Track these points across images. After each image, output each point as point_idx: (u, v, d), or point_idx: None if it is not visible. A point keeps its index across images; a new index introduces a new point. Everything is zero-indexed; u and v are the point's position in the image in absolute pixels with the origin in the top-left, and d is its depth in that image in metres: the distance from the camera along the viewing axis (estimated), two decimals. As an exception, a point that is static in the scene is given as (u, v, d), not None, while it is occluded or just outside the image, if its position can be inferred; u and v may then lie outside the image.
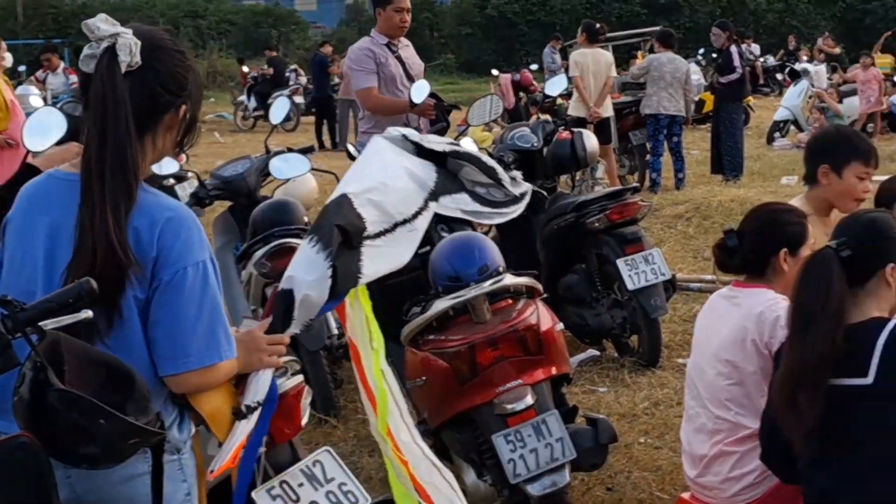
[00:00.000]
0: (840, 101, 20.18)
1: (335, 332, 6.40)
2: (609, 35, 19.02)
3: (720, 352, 4.02)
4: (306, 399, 3.54)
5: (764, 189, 12.82)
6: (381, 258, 3.39)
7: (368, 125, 7.59)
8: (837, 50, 32.16)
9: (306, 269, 3.23)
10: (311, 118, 23.74)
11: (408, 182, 3.62)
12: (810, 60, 28.36)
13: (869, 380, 3.28)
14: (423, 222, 3.58)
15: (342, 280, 3.26)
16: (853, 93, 20.22)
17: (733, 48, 14.41)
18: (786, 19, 44.86)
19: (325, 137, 22.48)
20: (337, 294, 3.27)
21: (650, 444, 5.60)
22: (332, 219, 3.32)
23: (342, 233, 3.28)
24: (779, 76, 30.88)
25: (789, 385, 3.39)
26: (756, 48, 32.77)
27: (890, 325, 3.33)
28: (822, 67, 21.96)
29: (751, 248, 4.09)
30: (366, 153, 3.78)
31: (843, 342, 3.31)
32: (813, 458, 3.43)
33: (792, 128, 20.48)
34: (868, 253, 3.47)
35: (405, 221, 3.48)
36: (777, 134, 20.19)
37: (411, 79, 7.89)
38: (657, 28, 21.83)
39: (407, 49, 8.04)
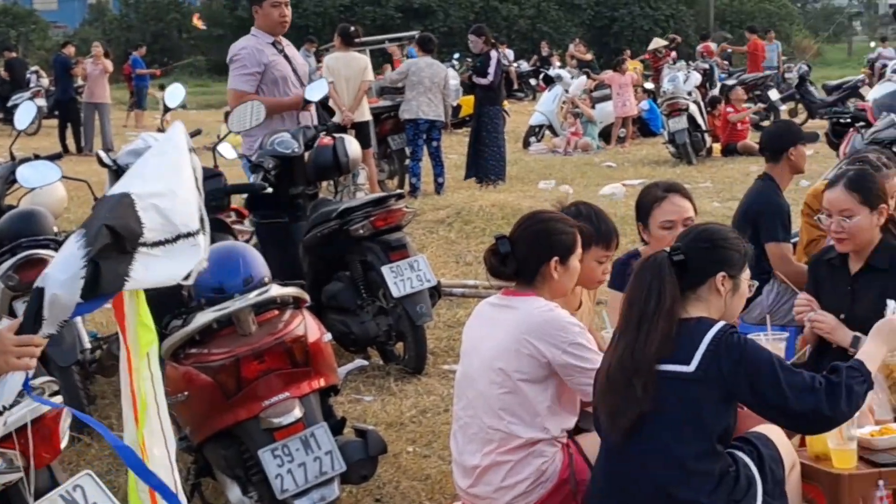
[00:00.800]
0: (593, 107, 20.92)
1: (87, 346, 6.19)
2: (364, 39, 19.13)
3: (492, 360, 4.06)
4: (65, 421, 3.40)
5: (523, 193, 13.14)
6: (156, 268, 3.24)
7: (258, 140, 7.36)
8: (589, 56, 33.33)
9: (61, 268, 3.09)
10: (54, 121, 22.93)
11: (195, 193, 3.47)
12: (563, 66, 29.32)
13: (691, 368, 3.51)
14: (205, 239, 3.45)
15: (105, 282, 3.12)
16: (606, 98, 21.00)
17: (493, 53, 14.75)
18: (537, 25, 46.21)
19: (70, 141, 21.75)
20: (98, 295, 3.12)
21: (418, 452, 5.64)
22: (103, 218, 3.16)
23: (112, 234, 3.13)
24: (533, 81, 31.79)
25: (625, 373, 3.55)
26: (510, 53, 33.60)
27: (719, 325, 3.59)
28: (583, 77, 22.72)
29: (522, 256, 4.16)
30: (160, 146, 3.55)
31: (675, 337, 3.55)
32: (618, 443, 3.59)
33: (547, 132, 21.11)
34: (700, 260, 3.68)
35: (189, 235, 3.35)
36: (533, 139, 20.77)
37: (299, 79, 7.70)
38: (414, 32, 22.10)
39: (291, 48, 7.83)
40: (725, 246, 3.72)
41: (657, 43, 28.08)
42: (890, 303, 3.96)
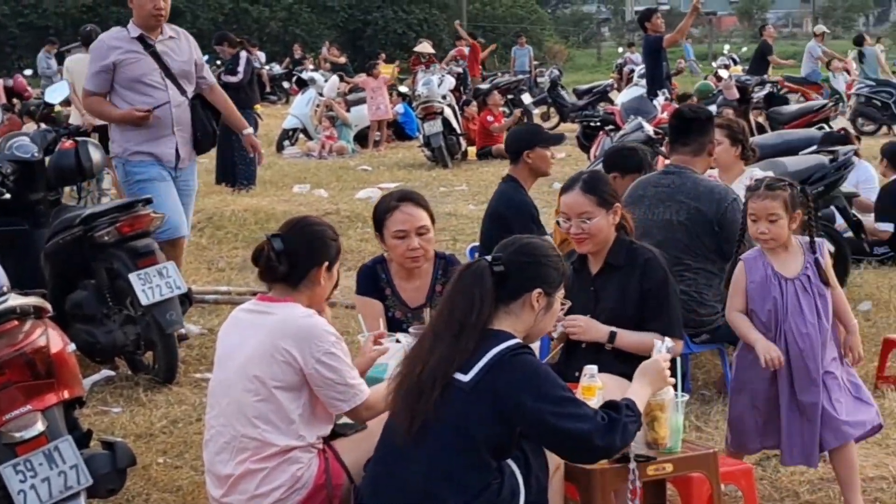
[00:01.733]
0: (348, 110, 21.03)
1: None
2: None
3: (248, 367, 4.05)
4: None
5: (277, 198, 13.12)
6: None
7: (127, 143, 7.08)
8: (342, 59, 33.48)
9: None
10: None
11: None
12: (316, 69, 29.34)
13: (467, 378, 3.58)
14: None
15: None
16: (361, 101, 21.14)
17: (242, 53, 14.65)
18: (290, 28, 46.11)
19: None
20: None
21: (169, 463, 5.57)
22: None
23: None
24: (286, 84, 31.68)
25: (432, 380, 3.59)
26: (262, 56, 33.40)
27: (511, 342, 3.63)
28: (335, 78, 22.79)
29: (294, 258, 4.17)
30: None
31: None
32: (402, 445, 3.63)
33: (301, 136, 21.09)
34: (520, 274, 3.73)
35: None
36: (287, 142, 20.71)
37: (172, 77, 7.28)
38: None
39: (173, 42, 7.40)
40: (546, 263, 3.79)
41: (425, 47, 28.43)
42: (657, 342, 4.14)
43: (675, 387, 4.06)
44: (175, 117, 7.39)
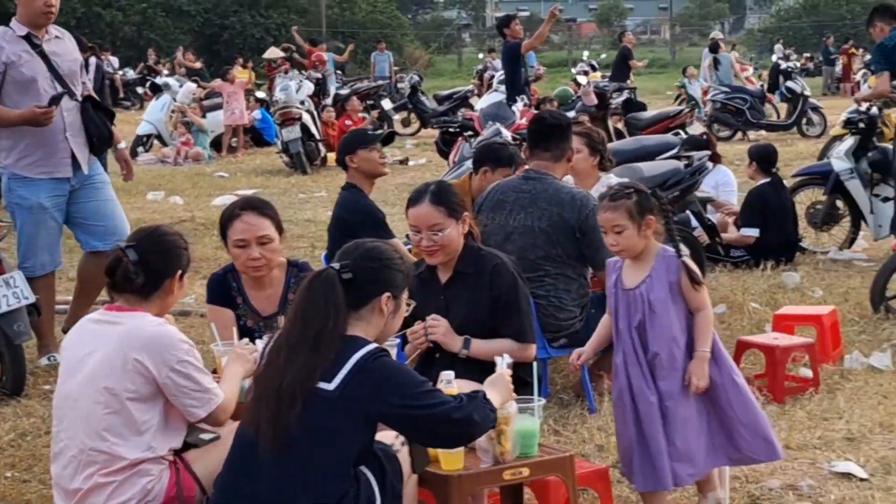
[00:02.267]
0: (204, 116, 20.80)
1: None
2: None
3: (97, 379, 3.97)
4: None
5: (130, 205, 12.87)
6: None
7: (19, 157, 6.72)
8: (198, 64, 33.11)
9: None
10: None
11: None
12: (171, 74, 28.97)
13: (332, 387, 3.56)
14: None
15: None
16: (218, 107, 20.93)
17: (92, 59, 14.37)
18: (144, 32, 45.40)
19: None
20: None
21: (17, 477, 5.43)
22: None
23: None
24: (140, 90, 31.21)
25: (292, 391, 3.54)
26: (115, 61, 32.82)
27: (369, 347, 3.63)
28: (190, 83, 22.52)
29: (150, 268, 4.14)
30: None
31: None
32: (259, 457, 3.58)
33: (156, 142, 20.80)
34: (368, 279, 3.72)
35: None
36: (141, 148, 20.40)
37: (61, 79, 6.92)
38: None
39: (59, 42, 7.02)
40: (391, 266, 3.79)
41: (273, 53, 28.28)
42: (497, 359, 4.18)
43: (532, 391, 4.12)
44: (67, 122, 7.04)
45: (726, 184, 10.76)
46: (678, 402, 4.45)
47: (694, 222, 9.48)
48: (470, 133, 12.89)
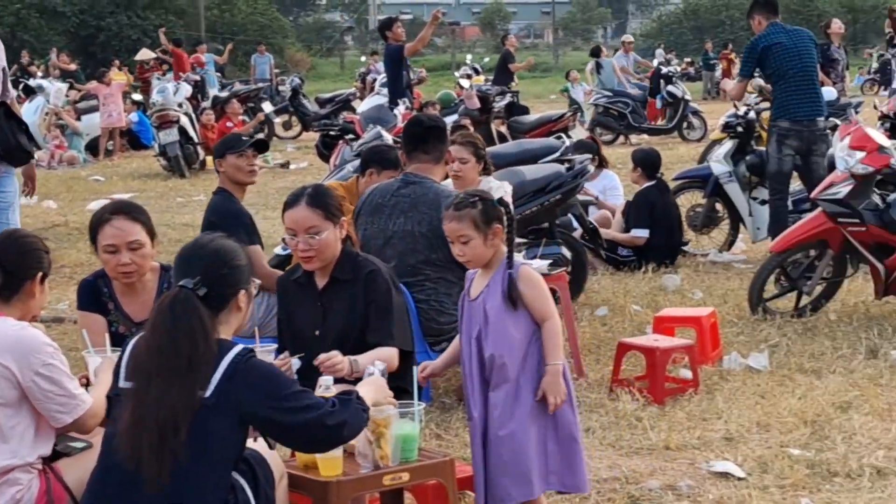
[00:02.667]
0: (79, 118, 20.43)
1: None
2: None
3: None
4: None
5: (0, 211, 12.59)
6: None
7: None
8: (73, 66, 32.53)
9: None
10: None
11: None
12: (46, 76, 28.40)
13: (208, 394, 3.49)
14: None
15: None
16: (93, 110, 20.57)
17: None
18: (17, 33, 44.41)
19: None
20: None
21: None
22: None
23: None
24: (13, 92, 30.49)
25: (174, 415, 3.45)
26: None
27: (236, 350, 3.57)
28: (62, 85, 22.10)
29: (10, 270, 4.08)
30: None
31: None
32: (123, 472, 3.48)
33: (28, 146, 20.34)
34: (223, 286, 3.64)
35: None
36: (12, 153, 19.93)
37: None
38: None
39: None
40: (238, 263, 3.72)
41: (145, 54, 27.90)
42: (368, 367, 4.17)
43: (411, 395, 4.11)
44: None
45: (613, 188, 10.92)
46: (507, 415, 4.33)
47: (576, 225, 9.58)
48: (351, 136, 12.84)
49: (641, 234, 9.89)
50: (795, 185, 10.73)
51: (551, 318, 4.39)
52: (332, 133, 14.83)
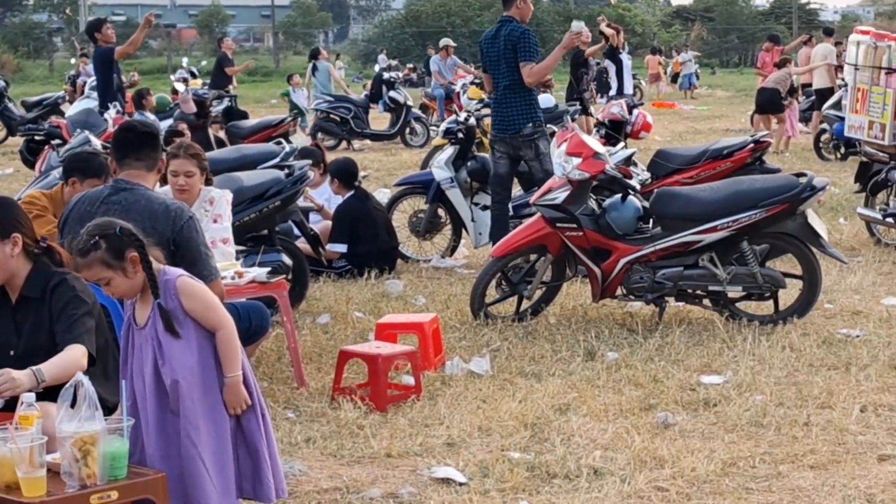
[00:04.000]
0: None
1: None
2: None
3: None
4: None
5: None
6: None
7: None
8: None
9: None
10: None
11: None
12: None
13: None
14: None
15: None
16: None
17: None
18: None
19: None
20: None
21: None
22: None
23: None
24: None
25: None
26: None
27: None
28: None
29: None
30: None
31: None
32: None
33: None
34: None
35: None
36: None
37: None
38: None
39: None
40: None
41: None
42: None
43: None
44: None
45: (338, 196, 10.94)
46: (200, 430, 4.31)
47: (297, 232, 9.56)
48: (58, 141, 12.44)
49: (338, 248, 9.94)
50: (517, 190, 11.06)
51: (223, 327, 4.38)
52: (37, 138, 14.34)
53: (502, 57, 9.79)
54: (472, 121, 11.37)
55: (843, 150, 18.05)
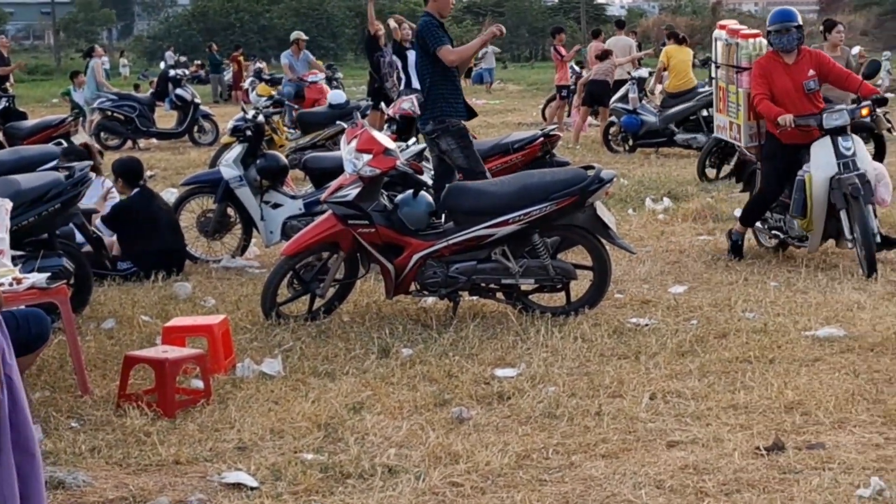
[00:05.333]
0: None
1: None
2: None
3: None
4: None
5: None
6: None
7: None
8: None
9: None
10: None
11: None
12: None
13: None
14: None
15: None
16: None
17: None
18: None
19: None
20: None
21: None
22: None
23: None
24: None
25: None
26: None
27: None
28: None
29: None
30: None
31: None
32: None
33: None
34: None
35: None
36: None
37: None
38: None
39: None
40: None
41: None
42: None
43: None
44: None
45: (113, 196, 10.67)
46: None
47: (79, 236, 9.29)
48: None
49: (106, 235, 9.73)
50: (307, 187, 11.01)
51: None
52: None
53: (419, 52, 9.84)
54: (261, 118, 11.26)
55: (631, 142, 18.60)
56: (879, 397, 6.21)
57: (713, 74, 11.11)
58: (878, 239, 9.23)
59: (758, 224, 10.30)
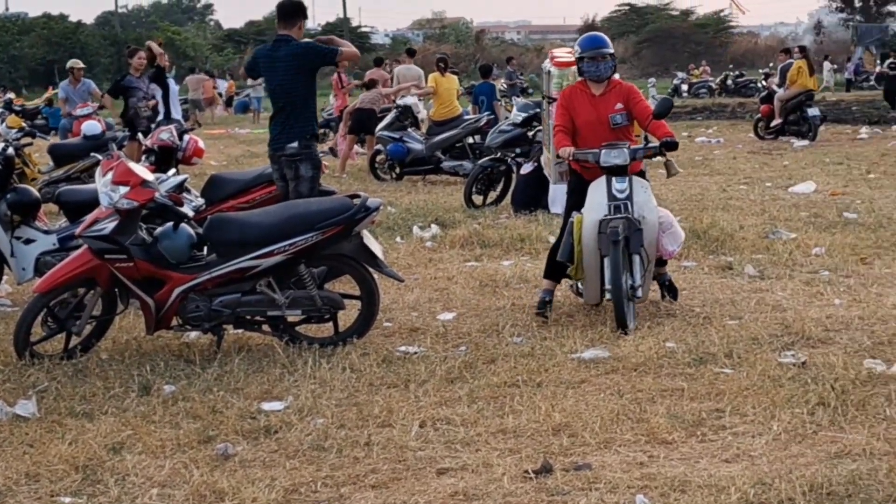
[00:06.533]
0: None
1: None
2: None
3: None
4: None
5: None
6: None
7: None
8: None
9: None
10: None
11: None
12: None
13: None
14: None
15: None
16: None
17: None
18: None
19: None
20: None
21: None
22: None
23: None
24: None
25: None
26: None
27: None
28: None
29: None
30: None
31: None
32: None
33: None
34: None
35: None
36: None
37: None
38: None
39: None
40: None
41: None
42: None
43: None
44: None
45: None
46: None
47: None
48: None
49: None
50: (62, 221, 10.70)
51: None
52: None
53: (286, 73, 9.99)
54: (11, 151, 10.91)
55: (398, 169, 18.78)
56: (643, 416, 6.43)
57: (544, 107, 10.82)
58: (640, 293, 8.50)
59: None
